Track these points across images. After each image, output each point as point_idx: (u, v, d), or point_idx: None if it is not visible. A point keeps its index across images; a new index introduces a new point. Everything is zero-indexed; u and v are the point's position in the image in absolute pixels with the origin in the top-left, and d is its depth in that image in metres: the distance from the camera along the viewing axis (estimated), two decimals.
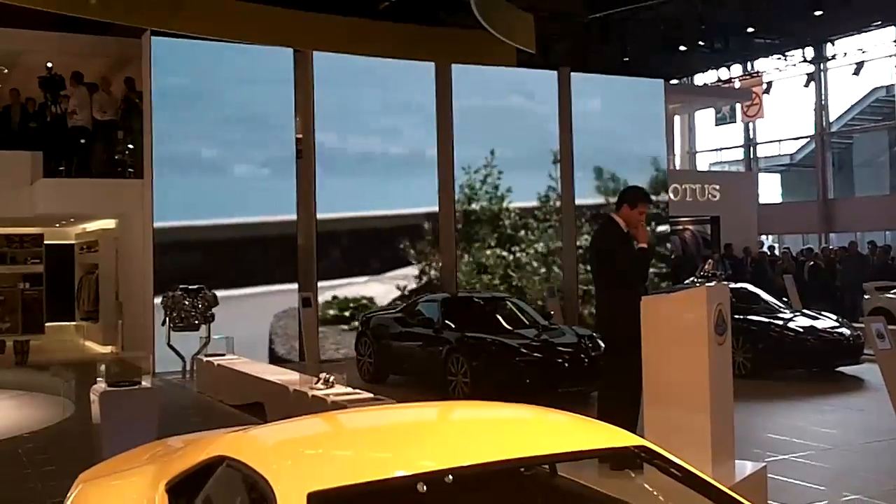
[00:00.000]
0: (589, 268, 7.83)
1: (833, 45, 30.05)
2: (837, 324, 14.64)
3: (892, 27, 28.38)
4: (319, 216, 17.80)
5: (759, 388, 12.46)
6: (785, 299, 17.53)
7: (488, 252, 19.47)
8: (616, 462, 5.49)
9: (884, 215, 28.11)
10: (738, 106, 33.85)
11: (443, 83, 19.42)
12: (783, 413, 11.42)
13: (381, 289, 18.36)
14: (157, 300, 15.58)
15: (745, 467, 6.79)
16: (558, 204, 20.36)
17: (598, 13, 22.49)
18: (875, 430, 10.21)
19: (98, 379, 8.37)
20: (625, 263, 7.49)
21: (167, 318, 14.82)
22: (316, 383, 9.90)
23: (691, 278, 19.75)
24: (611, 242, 7.60)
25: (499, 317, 13.76)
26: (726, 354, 6.64)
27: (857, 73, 29.45)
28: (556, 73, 20.85)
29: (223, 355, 13.95)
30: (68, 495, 4.54)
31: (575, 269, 20.04)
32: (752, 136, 35.02)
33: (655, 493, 3.92)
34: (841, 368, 14.20)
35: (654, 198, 17.68)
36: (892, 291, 19.17)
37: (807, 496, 7.45)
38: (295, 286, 17.33)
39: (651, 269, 7.86)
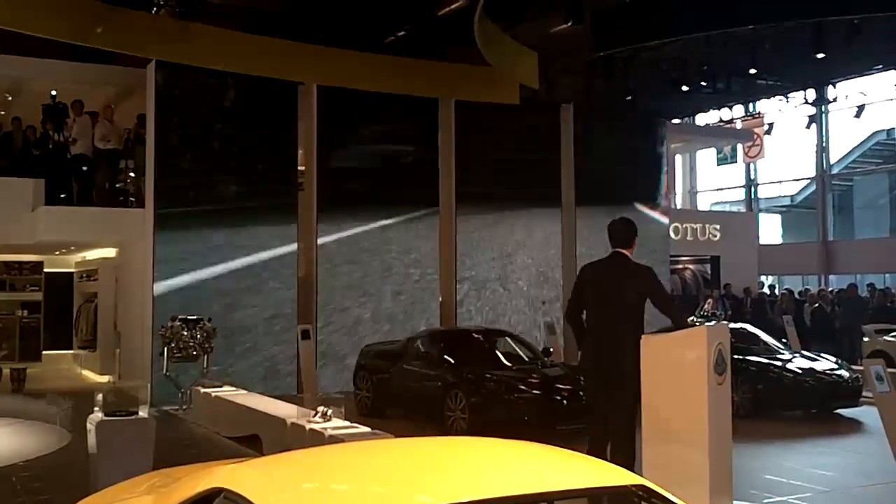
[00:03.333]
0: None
1: (834, 87, 30.15)
2: (836, 366, 14.62)
3: (894, 71, 28.48)
4: None
5: (758, 428, 12.42)
6: (784, 340, 17.50)
7: None
8: (612, 502, 5.43)
9: (883, 258, 28.12)
10: (739, 146, 33.97)
11: (446, 117, 19.51)
12: (781, 454, 11.38)
13: None
14: None
15: None
16: None
17: (601, 52, 22.59)
18: (873, 474, 10.16)
19: (95, 408, 8.35)
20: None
21: (165, 349, 14.78)
22: (313, 416, 9.86)
23: (691, 317, 19.74)
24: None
25: (498, 353, 13.74)
26: (725, 394, 6.61)
27: (858, 115, 29.54)
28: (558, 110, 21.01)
29: (221, 386, 13.91)
30: None
31: None
32: (753, 177, 35.11)
33: None
34: (839, 410, 14.18)
35: None
36: (892, 334, 19.16)
37: None
38: None
39: None
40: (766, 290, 28.26)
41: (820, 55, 22.56)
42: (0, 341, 20.42)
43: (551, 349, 15.10)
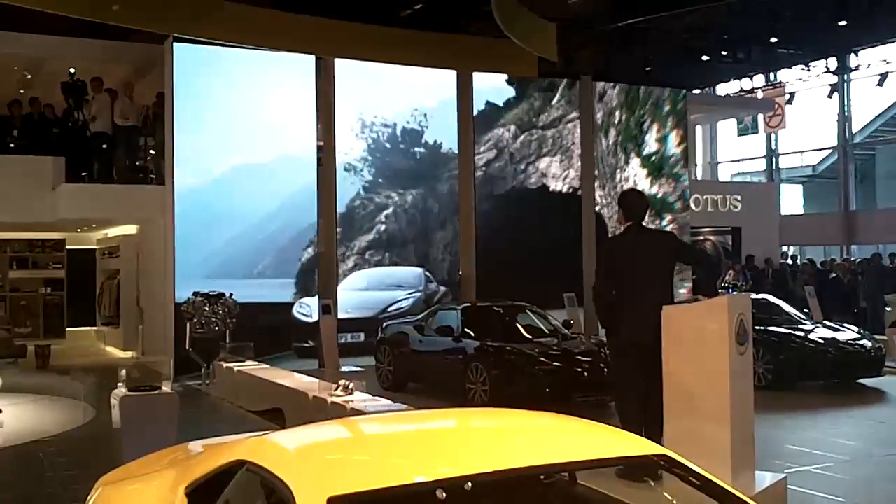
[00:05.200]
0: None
1: (857, 55, 29.86)
2: (859, 336, 14.56)
3: None
4: None
5: (780, 399, 12.39)
6: (806, 311, 17.43)
7: None
8: (626, 471, 5.40)
9: None
10: (760, 116, 33.71)
11: (464, 90, 19.51)
12: (803, 424, 11.36)
13: None
14: None
15: (765, 478, 6.76)
16: None
17: (620, 22, 22.46)
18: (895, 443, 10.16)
19: (118, 384, 8.41)
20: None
21: (188, 324, 14.87)
22: (335, 390, 9.92)
23: None
24: None
25: (518, 326, 13.76)
26: (747, 365, 6.60)
27: (880, 84, 29.24)
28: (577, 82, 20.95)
29: (242, 361, 13.99)
30: (88, 498, 4.56)
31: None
32: (774, 147, 34.86)
33: (675, 502, 3.90)
34: (862, 380, 14.11)
35: None
36: None
37: None
38: None
39: None
40: (788, 260, 28.12)
41: (842, 23, 22.37)
42: (24, 319, 20.60)
43: (572, 321, 15.10)
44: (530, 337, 13.32)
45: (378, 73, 18.85)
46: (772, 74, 32.52)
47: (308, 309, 17.47)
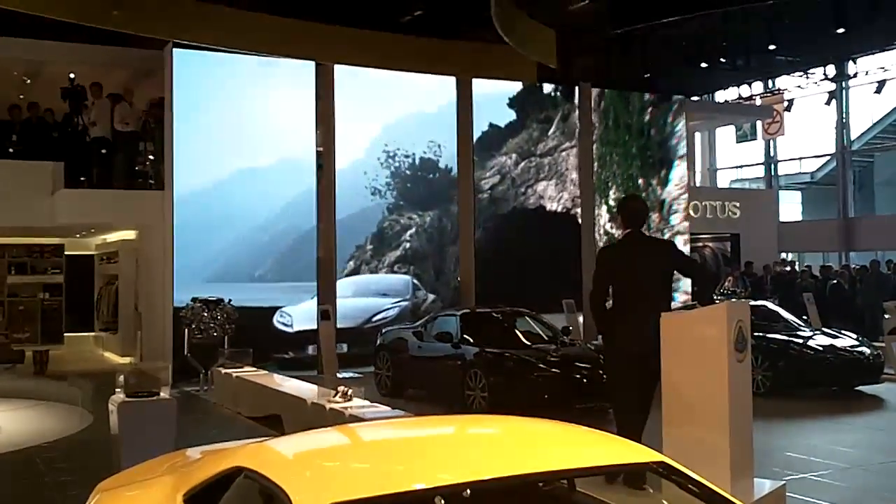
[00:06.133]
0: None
1: (855, 63, 29.89)
2: (857, 342, 14.53)
3: None
4: None
5: (779, 406, 12.37)
6: (805, 317, 17.42)
7: None
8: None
9: None
10: (759, 123, 33.74)
11: (464, 96, 19.56)
12: (802, 432, 11.35)
13: None
14: None
15: (764, 485, 6.75)
16: None
17: (619, 29, 22.45)
18: (894, 450, 10.15)
19: (116, 389, 8.38)
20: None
21: (186, 330, 14.86)
22: (334, 396, 9.91)
23: None
24: None
25: (517, 332, 13.73)
26: (746, 372, 6.60)
27: (878, 91, 29.29)
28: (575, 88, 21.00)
29: (241, 367, 13.97)
30: None
31: None
32: (772, 154, 34.88)
33: None
34: (860, 388, 14.10)
35: None
36: None
37: None
38: None
39: None
40: (786, 267, 28.12)
41: (840, 30, 22.39)
42: (22, 324, 20.55)
43: (571, 328, 15.08)
44: (529, 343, 13.29)
45: (378, 79, 19.03)
46: (770, 81, 32.55)
47: (289, 318, 17.40)
